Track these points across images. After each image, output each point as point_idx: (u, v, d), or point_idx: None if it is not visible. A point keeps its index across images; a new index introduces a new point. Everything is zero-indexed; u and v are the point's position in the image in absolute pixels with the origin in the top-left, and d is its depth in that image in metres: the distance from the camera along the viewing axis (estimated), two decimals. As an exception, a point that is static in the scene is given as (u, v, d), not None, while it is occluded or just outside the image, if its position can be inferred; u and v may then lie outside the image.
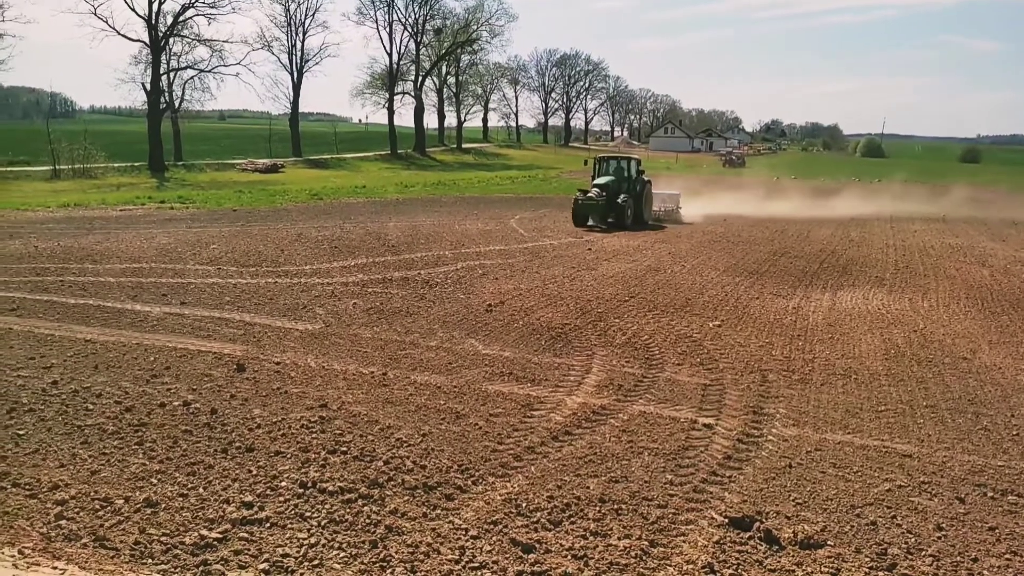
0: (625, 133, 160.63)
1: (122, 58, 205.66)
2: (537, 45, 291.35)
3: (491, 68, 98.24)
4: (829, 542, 5.28)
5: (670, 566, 4.89)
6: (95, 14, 48.07)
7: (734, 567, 4.93)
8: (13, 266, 14.82)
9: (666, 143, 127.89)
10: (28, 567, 4.37)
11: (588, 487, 5.93)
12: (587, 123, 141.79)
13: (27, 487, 5.61)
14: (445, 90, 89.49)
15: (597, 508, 5.60)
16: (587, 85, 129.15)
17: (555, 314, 12.01)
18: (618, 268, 16.74)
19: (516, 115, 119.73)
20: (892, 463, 6.64)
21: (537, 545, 5.06)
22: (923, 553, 5.18)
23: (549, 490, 5.86)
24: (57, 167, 42.62)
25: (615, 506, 5.65)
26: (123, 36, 50.11)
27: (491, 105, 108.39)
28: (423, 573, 4.70)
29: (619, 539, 5.19)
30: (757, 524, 5.38)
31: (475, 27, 78.12)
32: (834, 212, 31.73)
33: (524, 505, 5.60)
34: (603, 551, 5.03)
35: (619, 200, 24.45)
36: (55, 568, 4.42)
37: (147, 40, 49.85)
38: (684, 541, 5.20)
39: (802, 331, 11.36)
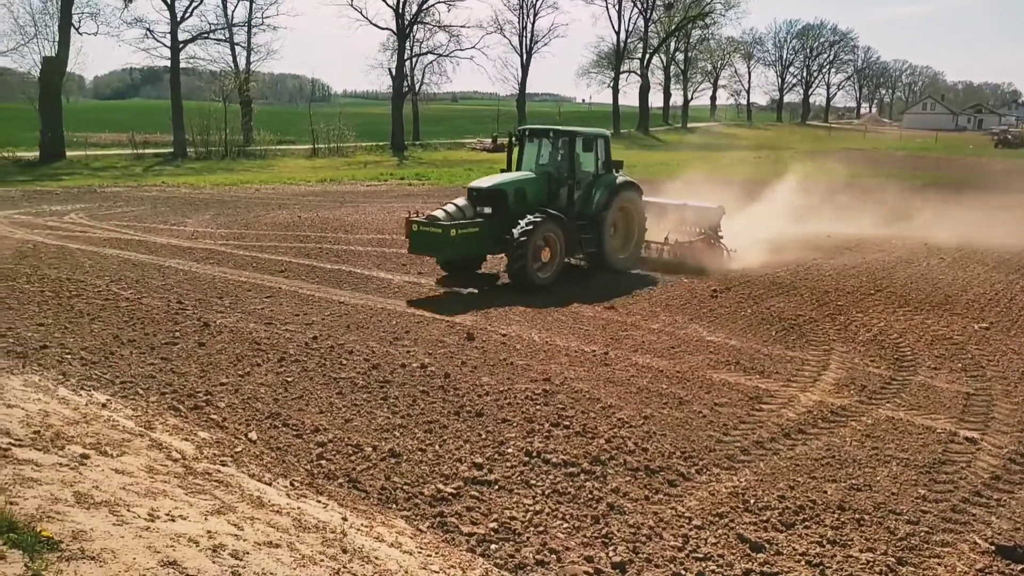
0: (874, 109, 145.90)
1: (371, 46, 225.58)
2: (776, 16, 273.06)
3: (723, 43, 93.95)
4: None
5: (922, 590, 4.39)
6: (351, 5, 53.35)
7: (1003, 603, 4.31)
8: (281, 232, 16.94)
9: (924, 120, 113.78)
10: (298, 498, 4.96)
11: (825, 491, 5.50)
12: (828, 99, 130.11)
13: (294, 428, 6.37)
14: (672, 67, 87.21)
15: (835, 515, 5.18)
16: (831, 58, 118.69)
17: (787, 303, 11.27)
18: (862, 258, 15.31)
19: (748, 92, 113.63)
20: None
21: (767, 545, 4.79)
22: None
23: (780, 489, 5.52)
24: (316, 146, 47.97)
25: (856, 515, 5.18)
26: (374, 25, 55.01)
27: (720, 82, 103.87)
28: (645, 556, 4.64)
29: (860, 551, 4.75)
30: (1034, 558, 4.66)
31: (708, 0, 75.06)
32: None
33: (752, 501, 5.33)
34: (842, 561, 4.64)
35: (516, 232, 11.52)
36: (319, 502, 4.97)
37: (394, 28, 54.17)
38: (939, 564, 4.64)
39: (1096, 340, 9.63)
